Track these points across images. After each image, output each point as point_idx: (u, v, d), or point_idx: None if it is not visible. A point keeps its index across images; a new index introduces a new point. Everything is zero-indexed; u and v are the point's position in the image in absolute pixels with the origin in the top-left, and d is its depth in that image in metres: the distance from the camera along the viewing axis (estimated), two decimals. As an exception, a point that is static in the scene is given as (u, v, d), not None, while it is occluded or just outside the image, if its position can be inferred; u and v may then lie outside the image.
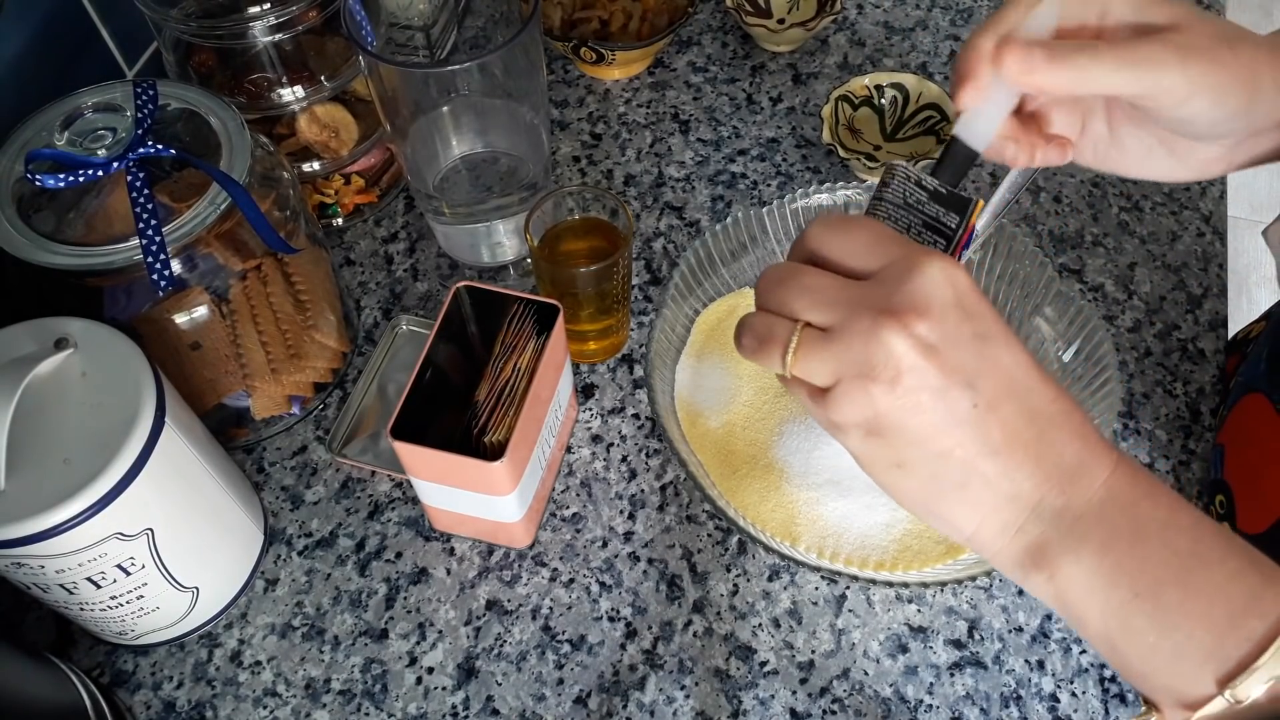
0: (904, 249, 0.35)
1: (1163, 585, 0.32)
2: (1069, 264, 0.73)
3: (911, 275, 0.33)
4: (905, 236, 0.37)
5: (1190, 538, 0.33)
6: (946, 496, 0.34)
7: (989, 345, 0.34)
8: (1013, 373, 0.34)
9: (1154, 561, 0.33)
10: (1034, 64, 0.37)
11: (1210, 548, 0.33)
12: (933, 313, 0.33)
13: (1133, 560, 0.33)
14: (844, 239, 0.36)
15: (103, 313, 0.53)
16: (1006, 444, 0.33)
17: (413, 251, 0.74)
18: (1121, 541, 0.33)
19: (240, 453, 0.65)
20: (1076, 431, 0.34)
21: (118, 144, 0.53)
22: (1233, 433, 0.60)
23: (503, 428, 0.53)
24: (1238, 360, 0.65)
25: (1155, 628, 0.32)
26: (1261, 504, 0.55)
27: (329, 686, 0.56)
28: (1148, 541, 0.33)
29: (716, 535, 0.61)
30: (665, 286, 0.62)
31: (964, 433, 0.33)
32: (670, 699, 0.55)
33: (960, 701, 0.55)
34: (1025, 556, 0.34)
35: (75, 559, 0.46)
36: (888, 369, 0.33)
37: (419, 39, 0.70)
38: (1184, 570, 0.33)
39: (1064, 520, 0.33)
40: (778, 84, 0.85)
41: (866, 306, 0.33)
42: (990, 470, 0.34)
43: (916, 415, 0.33)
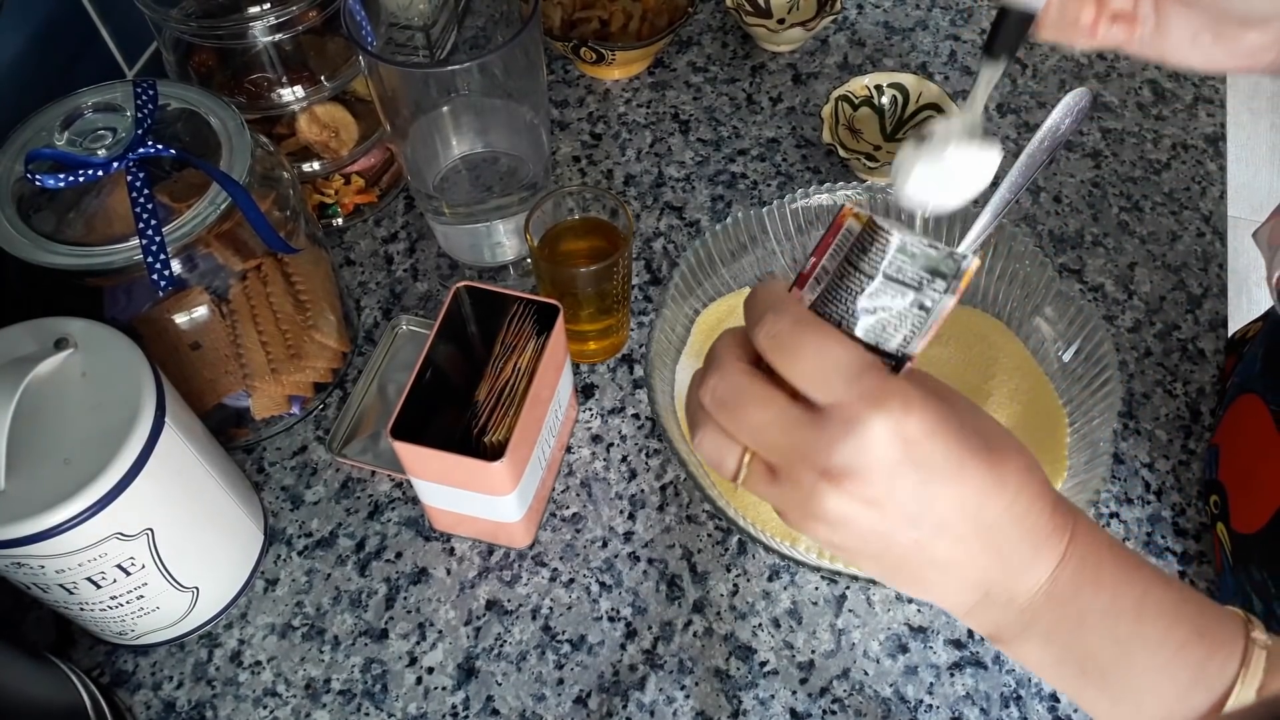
0: (853, 390, 0.32)
1: (1107, 670, 0.35)
2: (1069, 264, 0.73)
3: (854, 432, 0.32)
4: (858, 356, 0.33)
5: (1132, 620, 0.35)
6: (905, 585, 0.37)
7: (936, 484, 0.33)
8: (962, 502, 0.33)
9: (1096, 649, 0.35)
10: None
11: (1154, 627, 0.35)
12: (874, 476, 0.32)
13: (1077, 648, 0.35)
14: (792, 358, 0.33)
15: (103, 313, 0.53)
16: (952, 562, 0.35)
17: (413, 251, 0.74)
18: (1063, 632, 0.35)
19: (240, 453, 0.65)
20: (1027, 533, 0.35)
21: (118, 144, 0.53)
22: (1227, 433, 0.60)
23: (503, 428, 0.53)
24: (1235, 361, 0.65)
25: (1106, 699, 0.36)
26: (1255, 504, 0.55)
27: (329, 686, 0.56)
28: (1089, 631, 0.35)
29: (716, 535, 0.61)
30: (665, 286, 0.62)
31: (908, 552, 0.35)
32: (670, 699, 0.55)
33: (960, 701, 0.55)
34: (985, 631, 0.37)
35: (75, 559, 0.46)
36: (829, 518, 0.33)
37: (419, 39, 0.70)
38: (1126, 655, 0.35)
39: (1012, 609, 0.36)
40: (778, 84, 0.85)
41: (808, 463, 0.33)
42: (938, 579, 0.36)
43: (862, 543, 0.35)
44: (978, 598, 0.36)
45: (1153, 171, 0.78)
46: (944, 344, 0.65)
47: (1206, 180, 0.78)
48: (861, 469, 0.32)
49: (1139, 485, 0.63)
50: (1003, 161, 0.47)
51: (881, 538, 0.34)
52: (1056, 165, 0.78)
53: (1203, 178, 0.78)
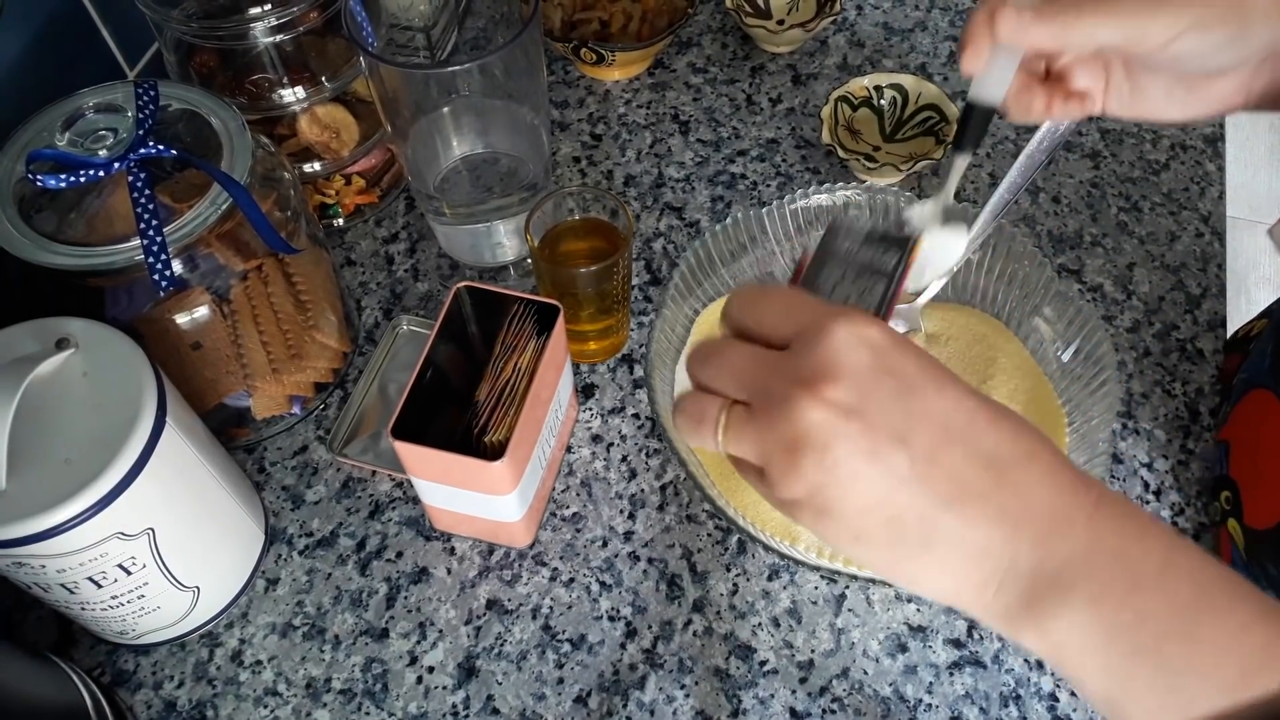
0: (814, 313, 0.33)
1: (1165, 639, 0.30)
2: (1068, 264, 0.73)
3: (820, 340, 0.32)
4: (818, 299, 0.35)
5: (1192, 584, 0.31)
6: (915, 561, 0.32)
7: (916, 397, 0.32)
8: (950, 420, 0.32)
9: (1153, 614, 0.30)
10: (1024, 24, 0.40)
11: (1215, 595, 0.31)
12: (845, 375, 0.32)
13: (1129, 613, 0.30)
14: (758, 310, 0.35)
15: (104, 313, 0.53)
16: (959, 496, 0.31)
17: (413, 252, 0.74)
18: (1114, 593, 0.30)
19: (241, 452, 0.65)
20: (1044, 471, 0.32)
21: (119, 144, 0.53)
22: (1237, 429, 0.60)
23: (503, 428, 0.53)
24: (1239, 359, 0.65)
25: (1158, 688, 0.30)
26: (1269, 499, 0.55)
27: (329, 686, 0.56)
28: (1144, 591, 0.30)
29: (716, 535, 0.61)
30: (665, 286, 0.62)
31: (909, 492, 0.31)
32: (670, 698, 0.55)
33: (960, 701, 0.55)
34: (1012, 614, 0.32)
35: (76, 559, 0.46)
36: (811, 441, 0.31)
37: (419, 40, 0.70)
38: (1188, 623, 0.30)
39: (1045, 573, 0.31)
40: (777, 85, 0.85)
41: (780, 379, 0.33)
42: (949, 526, 0.31)
43: (854, 483, 0.32)
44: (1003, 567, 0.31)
45: (1151, 172, 0.78)
46: (943, 344, 0.65)
47: (1205, 180, 0.78)
48: (831, 368, 0.32)
49: (1138, 485, 0.63)
50: (1002, 161, 0.48)
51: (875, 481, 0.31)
52: (1056, 165, 0.79)
53: (1201, 178, 0.78)
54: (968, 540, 0.31)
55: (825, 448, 0.31)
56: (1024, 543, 0.31)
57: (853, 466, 0.31)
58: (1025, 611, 0.31)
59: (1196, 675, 0.30)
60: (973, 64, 0.42)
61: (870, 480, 0.31)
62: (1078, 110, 0.46)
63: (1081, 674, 0.31)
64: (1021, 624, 0.32)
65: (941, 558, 0.32)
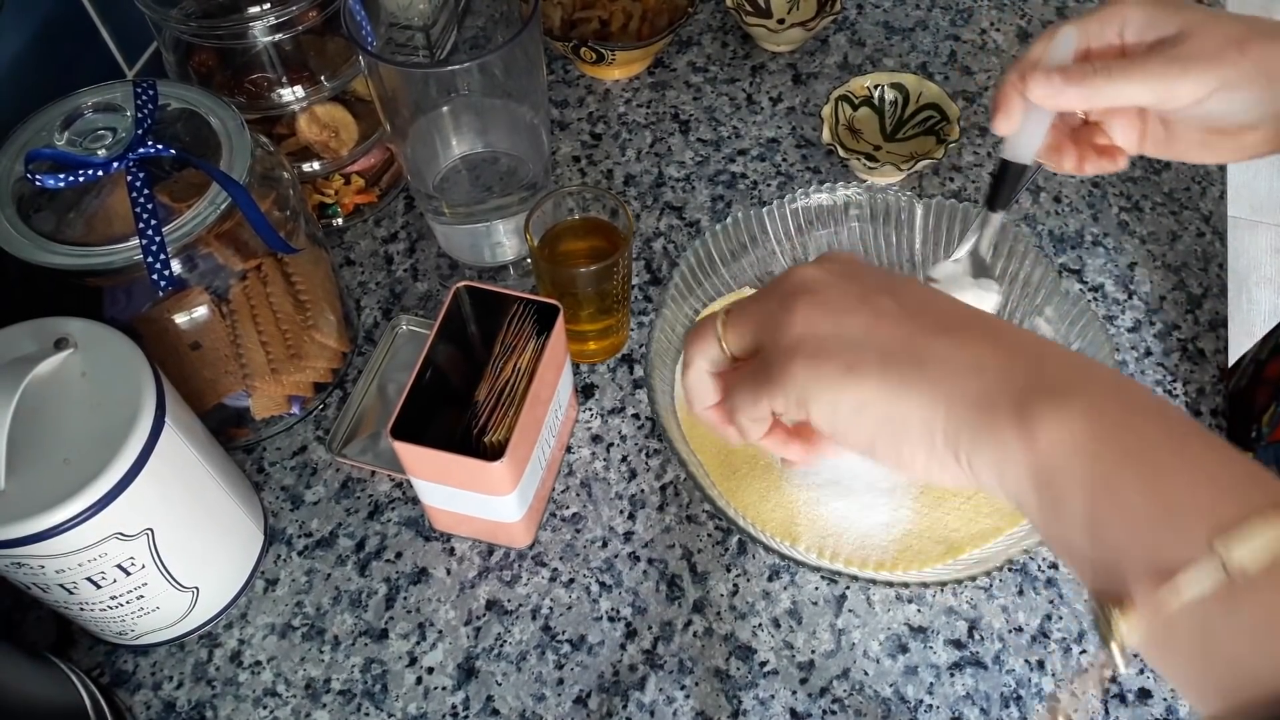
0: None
1: (1155, 448, 0.29)
2: (1069, 264, 0.73)
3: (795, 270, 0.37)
4: None
5: (1181, 417, 0.30)
6: (908, 383, 0.32)
7: (895, 278, 0.36)
8: (928, 292, 0.35)
9: (1146, 429, 0.30)
10: (1055, 87, 0.42)
11: (1204, 430, 0.30)
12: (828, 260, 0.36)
13: (1122, 422, 0.30)
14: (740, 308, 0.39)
15: (103, 313, 0.53)
16: (949, 328, 0.33)
17: (413, 251, 0.74)
18: (1110, 407, 0.30)
19: (240, 453, 0.65)
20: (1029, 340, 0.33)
21: (118, 144, 0.53)
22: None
23: (503, 428, 0.53)
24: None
25: (1145, 488, 0.29)
26: None
27: (329, 686, 0.56)
28: (1138, 410, 0.30)
29: (716, 535, 0.61)
30: (665, 286, 0.62)
31: (897, 325, 0.33)
32: (670, 699, 0.55)
33: (960, 701, 0.55)
34: (1003, 425, 0.31)
35: (75, 559, 0.46)
36: (806, 286, 0.35)
37: (419, 39, 0.70)
38: (1179, 439, 0.29)
39: (1040, 385, 0.31)
40: (778, 84, 0.85)
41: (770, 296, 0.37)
42: (940, 347, 0.32)
43: (845, 316, 0.34)
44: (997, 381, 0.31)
45: (1152, 171, 0.78)
46: (944, 344, 0.65)
47: (1206, 180, 0.78)
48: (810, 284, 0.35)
49: (1139, 485, 0.63)
50: (1003, 161, 0.48)
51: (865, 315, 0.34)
52: (1056, 165, 0.78)
53: (1202, 178, 0.78)
54: (961, 356, 0.32)
55: (817, 290, 0.35)
56: (1019, 360, 0.32)
57: (844, 304, 0.34)
58: (1016, 420, 0.30)
59: (1185, 478, 0.29)
60: (1006, 126, 0.44)
61: (860, 315, 0.34)
62: (1109, 165, 0.48)
63: (1065, 483, 0.30)
64: (1008, 438, 0.31)
65: (935, 375, 0.32)
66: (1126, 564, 0.29)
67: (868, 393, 0.33)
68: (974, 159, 0.79)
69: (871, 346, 0.33)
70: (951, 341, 0.33)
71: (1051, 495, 0.30)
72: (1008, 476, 0.31)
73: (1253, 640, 0.26)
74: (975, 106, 0.83)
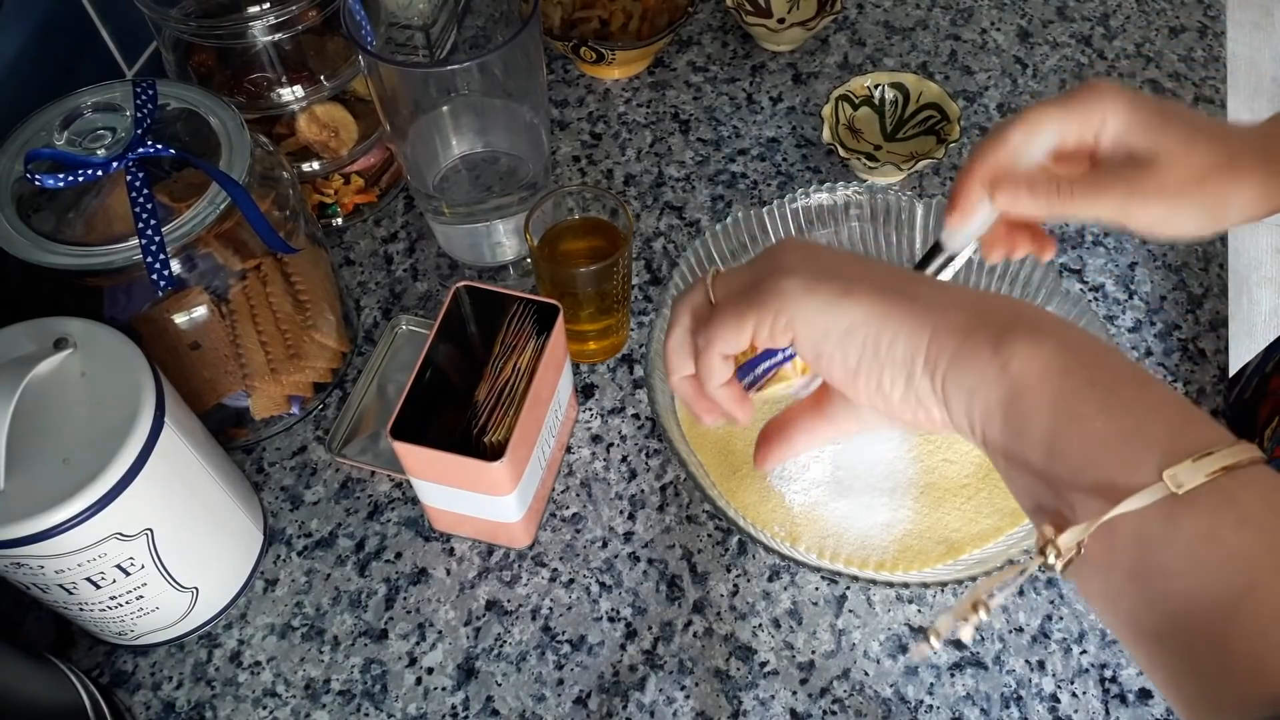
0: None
1: (1120, 381, 0.32)
2: (1069, 264, 0.73)
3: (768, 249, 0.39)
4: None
5: (1146, 370, 0.33)
6: (900, 309, 0.34)
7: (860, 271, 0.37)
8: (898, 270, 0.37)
9: (1112, 364, 0.32)
10: (1019, 197, 0.43)
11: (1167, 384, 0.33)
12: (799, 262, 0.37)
13: (1090, 358, 0.32)
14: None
15: (102, 312, 0.53)
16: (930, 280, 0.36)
17: (412, 251, 0.74)
18: (1080, 345, 0.33)
19: (240, 453, 0.65)
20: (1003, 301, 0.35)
21: (117, 144, 0.53)
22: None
23: (503, 428, 0.53)
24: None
25: (1106, 414, 0.31)
26: None
27: (329, 687, 0.56)
28: (1105, 353, 0.33)
29: (716, 535, 0.61)
30: (665, 286, 0.62)
31: (885, 270, 0.36)
32: (670, 699, 0.55)
33: (960, 702, 0.55)
34: (981, 349, 0.33)
35: (75, 559, 0.46)
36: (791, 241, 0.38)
37: (419, 39, 0.70)
38: (1143, 381, 0.32)
39: (1019, 321, 0.33)
40: (778, 84, 0.84)
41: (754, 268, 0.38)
42: (928, 286, 0.35)
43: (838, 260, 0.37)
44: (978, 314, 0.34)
45: (1153, 171, 0.78)
46: (944, 344, 0.65)
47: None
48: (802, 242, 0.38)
49: (1139, 485, 0.63)
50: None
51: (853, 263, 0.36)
52: (1057, 165, 0.78)
53: (1203, 177, 0.78)
54: (946, 297, 0.35)
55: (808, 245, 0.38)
56: (998, 303, 0.35)
57: (835, 255, 0.37)
58: (993, 347, 0.33)
59: (1144, 408, 0.31)
60: (959, 222, 0.45)
61: (851, 262, 0.37)
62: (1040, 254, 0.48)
63: (1034, 404, 0.32)
64: (984, 362, 0.33)
65: (921, 308, 0.34)
66: (1080, 479, 0.31)
67: (859, 315, 0.35)
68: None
69: (865, 279, 0.35)
70: (934, 287, 0.36)
71: (1017, 413, 0.32)
72: (977, 399, 0.33)
73: (1187, 552, 0.28)
74: (975, 106, 0.83)
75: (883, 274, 0.36)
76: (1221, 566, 0.28)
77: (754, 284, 0.37)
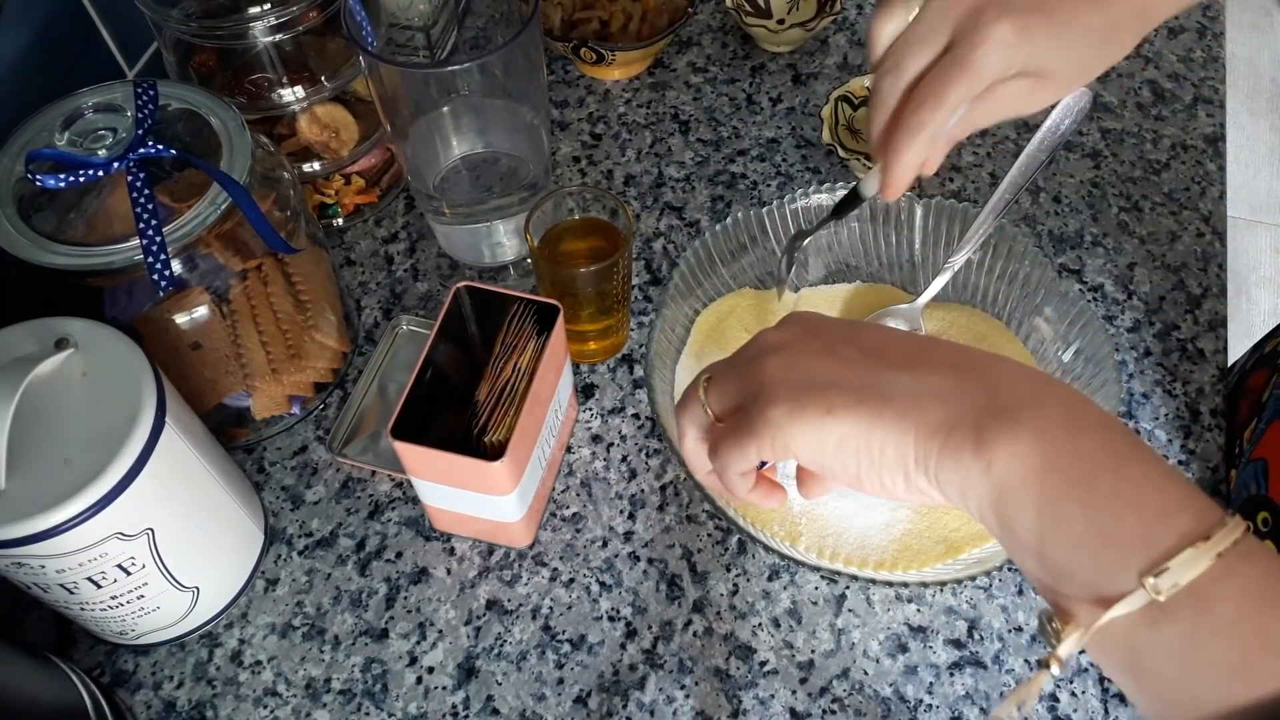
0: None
1: (1098, 472, 0.32)
2: (1069, 264, 0.73)
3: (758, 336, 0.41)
4: None
5: (1125, 437, 0.33)
6: (880, 416, 0.35)
7: (854, 326, 0.39)
8: (887, 333, 0.38)
9: (1090, 451, 0.32)
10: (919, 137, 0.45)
11: (1145, 451, 0.33)
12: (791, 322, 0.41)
13: (1069, 446, 0.32)
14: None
15: (103, 313, 0.53)
16: (909, 363, 0.36)
17: (413, 251, 0.74)
18: (1058, 429, 0.33)
19: (240, 453, 0.65)
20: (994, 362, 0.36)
21: (118, 144, 0.53)
22: (1275, 448, 0.58)
23: (503, 428, 0.53)
24: (1268, 374, 0.64)
25: (1086, 514, 0.32)
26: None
27: (329, 686, 0.56)
28: (1083, 433, 0.33)
29: (716, 535, 0.61)
30: (665, 286, 0.62)
31: (864, 366, 0.37)
32: (670, 699, 0.55)
33: (960, 701, 0.55)
34: (963, 449, 0.34)
35: (75, 559, 0.46)
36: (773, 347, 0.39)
37: (419, 39, 0.70)
38: (1119, 461, 0.32)
39: (995, 407, 0.34)
40: (778, 84, 0.85)
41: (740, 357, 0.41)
42: (904, 378, 0.36)
43: (814, 363, 0.37)
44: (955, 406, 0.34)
45: (1152, 172, 0.78)
46: (944, 344, 0.65)
47: (1206, 180, 0.78)
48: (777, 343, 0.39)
49: (1139, 485, 0.63)
50: (1003, 161, 0.48)
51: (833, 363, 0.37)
52: (1056, 165, 0.78)
53: (1202, 178, 0.78)
54: (922, 388, 0.35)
55: (784, 346, 0.39)
56: (974, 383, 0.35)
57: (811, 355, 0.38)
58: (975, 446, 0.33)
59: (1121, 504, 0.31)
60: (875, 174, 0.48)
61: (827, 362, 0.37)
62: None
63: (1019, 508, 0.33)
64: (970, 465, 0.33)
65: (900, 408, 0.35)
66: (1070, 585, 0.32)
67: (845, 430, 0.36)
68: (974, 159, 0.79)
69: (844, 387, 0.36)
70: (912, 375, 0.36)
71: (1006, 515, 0.33)
72: (970, 498, 0.34)
73: (1171, 656, 0.30)
74: (975, 107, 0.83)
75: (861, 368, 0.37)
76: (1205, 673, 0.29)
77: (745, 417, 0.38)
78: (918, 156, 0.46)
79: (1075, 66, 0.44)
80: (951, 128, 0.46)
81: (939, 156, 0.49)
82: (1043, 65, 0.43)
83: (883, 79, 0.46)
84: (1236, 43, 2.21)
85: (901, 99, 0.45)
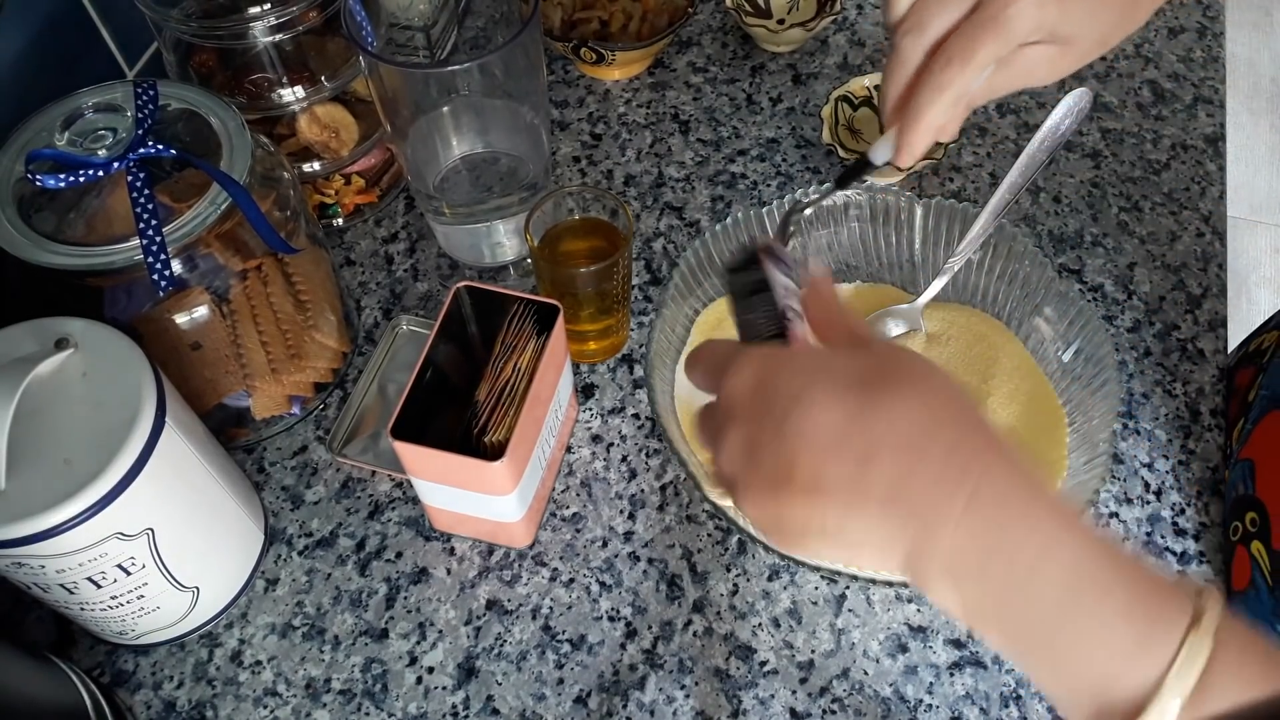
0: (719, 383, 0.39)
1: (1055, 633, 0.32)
2: (1069, 264, 0.73)
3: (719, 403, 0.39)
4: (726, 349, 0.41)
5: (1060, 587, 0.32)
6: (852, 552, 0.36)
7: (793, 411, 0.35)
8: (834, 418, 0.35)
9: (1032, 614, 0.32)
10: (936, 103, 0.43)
11: (1084, 593, 0.31)
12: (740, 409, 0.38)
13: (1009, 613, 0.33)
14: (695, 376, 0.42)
15: (103, 313, 0.53)
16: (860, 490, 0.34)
17: (413, 251, 0.74)
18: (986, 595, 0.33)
19: (240, 453, 0.65)
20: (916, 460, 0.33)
21: (118, 144, 0.53)
22: (1262, 448, 0.58)
23: (503, 428, 0.53)
24: (1253, 372, 0.64)
25: (1046, 669, 0.33)
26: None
27: (329, 686, 0.56)
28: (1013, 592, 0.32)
29: (716, 535, 0.61)
30: (665, 286, 0.62)
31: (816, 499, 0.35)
32: (670, 699, 0.55)
33: (960, 701, 0.55)
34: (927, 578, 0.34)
35: (76, 559, 0.46)
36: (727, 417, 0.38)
37: (419, 39, 0.70)
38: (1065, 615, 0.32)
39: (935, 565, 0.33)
40: (778, 84, 0.85)
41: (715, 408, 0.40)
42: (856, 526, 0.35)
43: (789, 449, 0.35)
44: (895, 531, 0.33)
45: (1152, 172, 0.78)
46: (944, 344, 0.65)
47: (1206, 180, 0.78)
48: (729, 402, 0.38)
49: (1139, 485, 0.63)
50: (1002, 161, 0.48)
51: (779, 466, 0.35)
52: (1056, 165, 0.78)
53: (1202, 178, 0.78)
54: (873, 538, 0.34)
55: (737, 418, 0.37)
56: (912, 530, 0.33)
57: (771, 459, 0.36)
58: (928, 583, 0.34)
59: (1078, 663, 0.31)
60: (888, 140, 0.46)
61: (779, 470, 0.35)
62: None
63: (995, 643, 0.34)
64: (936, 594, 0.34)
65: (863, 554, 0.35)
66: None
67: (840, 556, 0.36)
68: (974, 159, 0.79)
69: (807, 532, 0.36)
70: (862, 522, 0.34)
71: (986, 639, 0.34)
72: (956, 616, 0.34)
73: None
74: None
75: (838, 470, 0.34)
76: None
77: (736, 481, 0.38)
78: (939, 118, 0.44)
79: (1097, 35, 0.43)
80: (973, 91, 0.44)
81: (958, 121, 0.46)
82: (1070, 31, 0.42)
83: (903, 38, 0.43)
84: (1236, 42, 2.21)
85: (924, 59, 0.43)
